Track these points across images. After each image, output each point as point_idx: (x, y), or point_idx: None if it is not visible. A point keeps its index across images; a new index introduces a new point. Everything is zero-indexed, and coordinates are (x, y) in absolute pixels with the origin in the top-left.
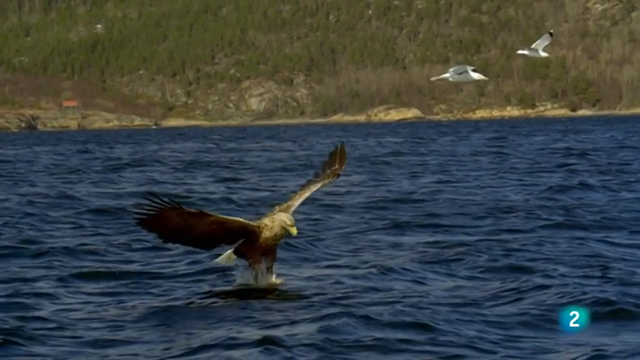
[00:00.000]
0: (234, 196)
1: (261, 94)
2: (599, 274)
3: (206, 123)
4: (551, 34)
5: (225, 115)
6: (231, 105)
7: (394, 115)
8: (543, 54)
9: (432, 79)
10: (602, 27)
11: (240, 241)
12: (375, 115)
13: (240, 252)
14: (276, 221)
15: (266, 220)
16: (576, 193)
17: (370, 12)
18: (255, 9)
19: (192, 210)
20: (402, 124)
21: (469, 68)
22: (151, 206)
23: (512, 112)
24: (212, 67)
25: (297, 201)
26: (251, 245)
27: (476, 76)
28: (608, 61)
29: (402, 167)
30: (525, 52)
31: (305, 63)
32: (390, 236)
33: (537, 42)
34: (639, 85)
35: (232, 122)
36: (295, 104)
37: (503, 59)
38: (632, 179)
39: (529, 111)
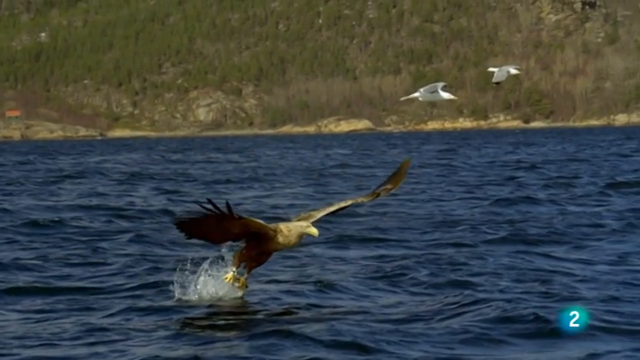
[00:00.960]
0: (174, 209)
1: (208, 105)
2: (542, 289)
3: (153, 134)
4: (519, 70)
5: (172, 125)
6: (178, 115)
7: (345, 127)
8: (514, 71)
9: (402, 99)
10: (556, 38)
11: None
12: (325, 126)
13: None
14: (293, 230)
15: (282, 226)
16: (523, 206)
17: (320, 21)
18: (203, 18)
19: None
20: (353, 135)
21: (439, 86)
22: (211, 211)
23: (465, 123)
24: (159, 77)
25: (320, 213)
26: (257, 245)
27: (445, 95)
28: (561, 72)
29: (349, 180)
30: (495, 69)
31: (254, 73)
32: (334, 250)
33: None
34: (593, 97)
35: (179, 133)
36: (244, 115)
37: (455, 70)
38: (580, 193)
39: (482, 122)
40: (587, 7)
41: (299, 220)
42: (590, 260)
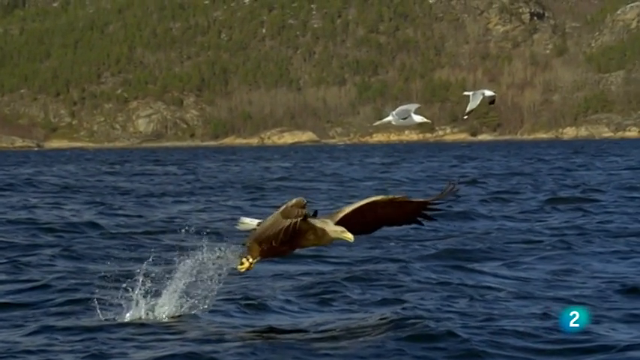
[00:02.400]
0: (102, 222)
1: (149, 115)
2: (474, 307)
3: (91, 145)
4: (492, 103)
5: (112, 136)
6: (117, 126)
7: (288, 139)
8: (489, 93)
9: (375, 124)
10: (504, 49)
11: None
12: (269, 138)
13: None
14: (328, 235)
15: (319, 225)
16: (460, 221)
17: (264, 31)
18: (144, 26)
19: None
20: (296, 147)
21: (413, 108)
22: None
23: (411, 136)
24: (98, 87)
25: (349, 208)
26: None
27: (418, 119)
28: (509, 84)
29: (288, 193)
30: (469, 93)
31: (195, 83)
32: (266, 265)
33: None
34: (541, 110)
35: (119, 144)
36: (185, 126)
37: (401, 81)
38: (519, 208)
39: (428, 135)
40: (535, 18)
41: (330, 218)
42: (524, 277)
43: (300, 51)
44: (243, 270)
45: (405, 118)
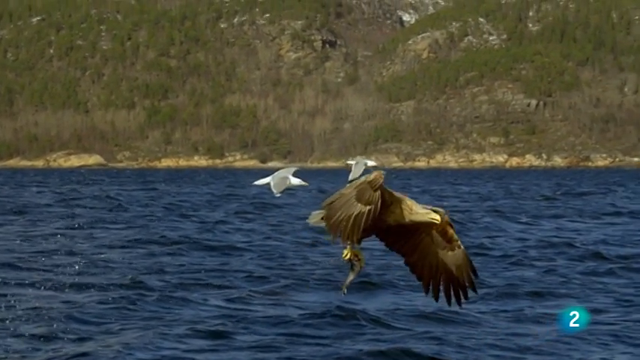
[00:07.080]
0: None
1: None
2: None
3: None
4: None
5: None
6: None
7: (75, 161)
8: (371, 163)
9: (254, 184)
10: (295, 76)
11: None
12: (55, 160)
13: None
14: (414, 215)
15: (408, 200)
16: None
17: (52, 51)
18: None
19: None
20: (78, 171)
21: (290, 173)
22: None
23: (200, 161)
24: None
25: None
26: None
27: (296, 182)
28: (300, 111)
29: (53, 218)
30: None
31: None
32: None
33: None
34: (331, 138)
35: None
36: None
37: (191, 106)
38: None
39: (217, 161)
40: (327, 46)
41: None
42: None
43: (88, 72)
44: (347, 258)
45: (282, 190)
